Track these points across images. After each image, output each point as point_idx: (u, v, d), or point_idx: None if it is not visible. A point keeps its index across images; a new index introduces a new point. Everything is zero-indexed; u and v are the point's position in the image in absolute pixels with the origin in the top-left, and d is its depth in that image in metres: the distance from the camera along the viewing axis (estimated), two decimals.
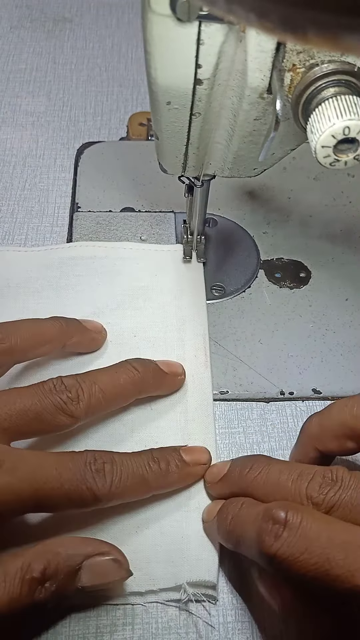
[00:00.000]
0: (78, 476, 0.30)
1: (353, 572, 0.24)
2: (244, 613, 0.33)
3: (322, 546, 0.25)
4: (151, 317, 0.42)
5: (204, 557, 0.33)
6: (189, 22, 0.25)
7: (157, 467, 0.32)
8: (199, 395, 0.39)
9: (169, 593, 0.32)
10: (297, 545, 0.25)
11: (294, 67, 0.27)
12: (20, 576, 0.27)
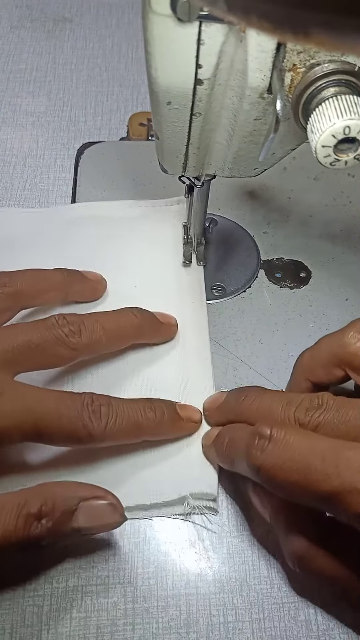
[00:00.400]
0: (75, 414, 0.32)
1: (329, 475, 0.26)
2: (244, 613, 0.33)
3: (303, 455, 0.27)
4: (151, 270, 0.45)
5: (205, 474, 0.35)
6: (189, 22, 0.25)
7: (153, 415, 0.34)
8: (196, 340, 0.41)
9: (173, 508, 0.35)
10: (280, 456, 0.27)
11: (295, 67, 0.27)
12: (17, 511, 0.29)
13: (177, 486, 0.35)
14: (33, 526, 0.29)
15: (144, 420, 0.34)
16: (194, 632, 0.32)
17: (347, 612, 0.33)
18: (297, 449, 0.27)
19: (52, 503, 0.30)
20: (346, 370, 0.33)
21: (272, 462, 0.28)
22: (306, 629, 0.32)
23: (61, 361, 0.35)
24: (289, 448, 0.28)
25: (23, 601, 0.33)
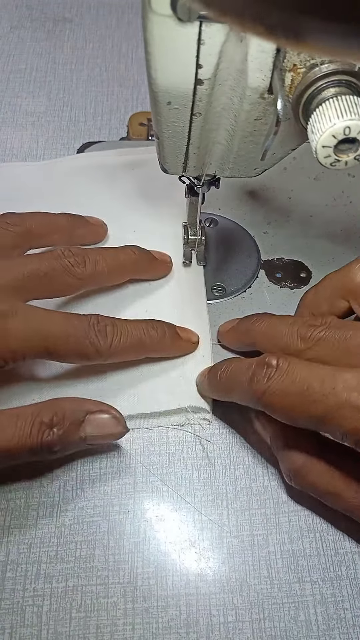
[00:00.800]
0: (82, 332, 0.34)
1: (326, 395, 0.29)
2: (244, 613, 0.33)
3: (304, 379, 0.30)
4: (150, 216, 0.48)
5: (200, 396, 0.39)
6: (189, 22, 0.25)
7: (155, 333, 0.37)
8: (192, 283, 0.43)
9: (171, 418, 0.38)
10: (284, 381, 0.30)
11: (295, 67, 0.27)
12: (31, 420, 0.32)
13: (175, 398, 0.38)
14: (45, 433, 0.32)
15: (147, 338, 0.37)
16: (194, 632, 0.32)
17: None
18: (299, 374, 0.30)
19: (62, 414, 0.33)
20: (350, 301, 0.34)
21: (276, 387, 0.30)
22: (306, 629, 0.32)
23: (68, 290, 0.38)
24: (292, 374, 0.30)
25: (23, 601, 0.33)
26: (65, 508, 0.36)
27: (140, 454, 0.38)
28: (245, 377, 0.32)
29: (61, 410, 0.33)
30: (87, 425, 0.34)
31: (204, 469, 0.37)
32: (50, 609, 0.33)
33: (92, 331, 0.35)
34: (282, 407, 0.31)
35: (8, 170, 0.52)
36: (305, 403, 0.29)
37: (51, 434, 0.32)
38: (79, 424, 0.34)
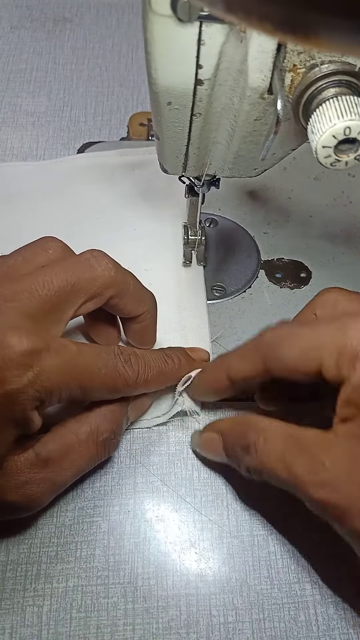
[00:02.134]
0: (111, 363, 0.33)
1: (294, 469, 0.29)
2: (244, 613, 0.33)
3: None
4: (150, 216, 0.48)
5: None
6: (189, 23, 0.25)
7: (172, 362, 0.37)
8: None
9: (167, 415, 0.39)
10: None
11: (295, 68, 0.27)
12: (94, 440, 0.33)
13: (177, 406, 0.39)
14: (110, 445, 0.34)
15: (167, 368, 0.36)
16: (194, 633, 0.32)
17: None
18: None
19: (117, 422, 0.35)
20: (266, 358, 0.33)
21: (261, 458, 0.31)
22: (306, 630, 0.32)
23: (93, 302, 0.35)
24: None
25: (23, 601, 0.33)
26: (65, 508, 0.36)
27: (140, 454, 0.38)
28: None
29: (115, 418, 0.34)
30: (131, 411, 0.36)
31: (204, 469, 0.37)
32: (51, 609, 0.33)
33: (120, 361, 0.34)
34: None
35: (8, 170, 0.52)
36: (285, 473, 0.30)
37: (114, 442, 0.35)
38: (127, 417, 0.36)
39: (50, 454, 0.32)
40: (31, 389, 0.29)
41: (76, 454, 0.33)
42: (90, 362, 0.32)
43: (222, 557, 0.34)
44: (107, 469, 0.37)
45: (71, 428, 0.33)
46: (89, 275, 0.34)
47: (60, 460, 0.32)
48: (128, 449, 0.38)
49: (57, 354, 0.30)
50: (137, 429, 0.39)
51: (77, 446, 0.32)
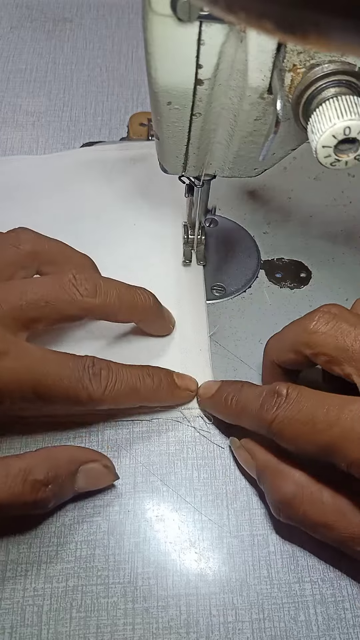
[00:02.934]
0: (76, 375, 0.33)
1: (331, 424, 0.28)
2: (244, 613, 0.33)
3: (311, 407, 0.30)
4: (150, 216, 0.48)
5: None
6: (189, 22, 0.25)
7: (150, 381, 0.36)
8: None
9: (169, 414, 0.38)
10: (292, 411, 0.30)
11: (295, 67, 0.27)
12: (23, 477, 0.31)
13: None
14: (41, 491, 0.31)
15: (142, 386, 0.35)
16: (194, 632, 0.32)
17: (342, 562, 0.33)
18: (306, 404, 0.30)
19: (55, 470, 0.32)
20: (306, 353, 0.33)
21: (284, 416, 0.30)
22: (306, 629, 0.32)
23: (71, 320, 0.36)
24: (300, 403, 0.30)
25: (23, 601, 0.33)
26: (65, 508, 0.36)
27: (140, 454, 0.38)
28: (254, 405, 0.32)
29: (55, 465, 0.32)
30: (80, 477, 0.34)
31: (204, 469, 0.37)
32: (51, 609, 0.33)
33: (87, 374, 0.33)
34: (289, 436, 0.30)
35: (9, 164, 0.52)
36: (311, 432, 0.29)
37: (46, 491, 0.31)
38: (73, 476, 0.33)
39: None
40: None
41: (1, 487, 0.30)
42: (51, 370, 0.32)
43: (222, 557, 0.34)
44: None
45: (8, 460, 0.32)
46: (68, 298, 0.34)
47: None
48: (128, 449, 0.38)
49: (15, 358, 0.31)
50: (141, 420, 0.39)
51: (2, 475, 0.30)
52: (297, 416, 0.30)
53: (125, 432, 0.38)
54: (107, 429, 0.38)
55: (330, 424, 0.28)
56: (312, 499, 0.31)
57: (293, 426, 0.30)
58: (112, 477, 0.35)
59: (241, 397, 0.34)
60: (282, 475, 0.32)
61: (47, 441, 0.38)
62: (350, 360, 0.31)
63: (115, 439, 0.38)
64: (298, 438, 0.30)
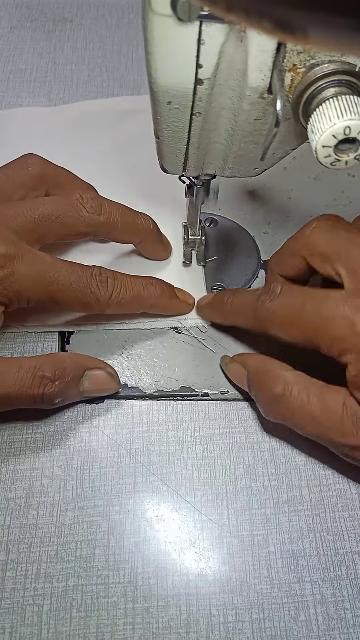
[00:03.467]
0: (85, 281, 0.36)
1: (319, 308, 0.32)
2: (244, 613, 0.33)
3: (302, 297, 0.33)
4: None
5: None
6: (189, 22, 0.25)
7: (153, 290, 0.40)
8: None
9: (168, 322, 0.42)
10: (285, 301, 0.34)
11: (295, 67, 0.27)
12: (33, 372, 0.34)
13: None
14: (47, 386, 0.34)
15: (145, 293, 0.39)
16: (194, 632, 0.32)
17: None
18: (298, 295, 0.33)
19: (63, 369, 0.35)
20: (306, 258, 0.35)
21: (278, 305, 0.34)
22: (306, 629, 0.32)
23: (78, 237, 0.39)
24: (292, 295, 0.34)
25: (23, 600, 0.33)
26: (65, 507, 0.36)
27: (140, 454, 0.38)
28: (250, 301, 0.36)
29: (62, 365, 0.35)
30: (85, 380, 0.37)
31: (204, 469, 0.37)
32: (51, 609, 0.33)
33: (95, 281, 0.36)
34: (281, 322, 0.34)
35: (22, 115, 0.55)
36: (301, 316, 0.32)
37: (52, 387, 0.35)
38: (78, 379, 0.37)
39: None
40: (0, 287, 0.33)
41: (11, 376, 0.34)
42: (62, 275, 0.35)
43: (222, 557, 0.35)
44: (107, 469, 0.37)
45: (21, 359, 0.35)
46: (75, 215, 0.37)
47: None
48: (128, 448, 0.38)
49: (29, 263, 0.34)
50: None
51: (15, 370, 0.34)
52: (288, 303, 0.33)
53: (125, 432, 0.38)
54: (107, 429, 0.39)
55: (318, 308, 0.32)
56: (299, 395, 0.33)
57: (284, 313, 0.33)
58: (115, 384, 0.38)
59: (237, 298, 0.38)
60: (270, 376, 0.35)
61: (49, 431, 0.38)
62: (342, 259, 0.33)
63: (116, 438, 0.38)
64: (289, 324, 0.33)
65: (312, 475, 0.37)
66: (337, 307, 0.31)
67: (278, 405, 0.34)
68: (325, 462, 0.37)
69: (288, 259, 0.37)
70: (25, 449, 0.38)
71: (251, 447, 0.38)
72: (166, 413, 0.39)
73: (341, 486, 0.37)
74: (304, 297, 0.33)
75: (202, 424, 0.39)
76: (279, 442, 0.38)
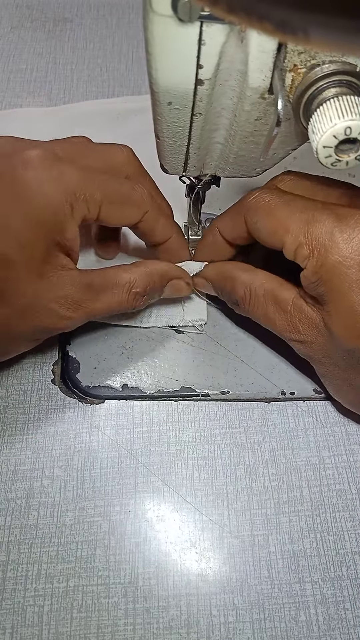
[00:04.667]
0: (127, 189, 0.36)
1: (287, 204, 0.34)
2: (244, 613, 0.33)
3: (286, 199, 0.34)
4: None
5: (197, 307, 0.43)
6: (190, 23, 0.25)
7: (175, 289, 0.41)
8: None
9: (169, 319, 0.43)
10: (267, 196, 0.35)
11: (295, 68, 0.27)
12: (128, 288, 0.37)
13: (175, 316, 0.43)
14: (138, 300, 0.38)
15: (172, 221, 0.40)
16: (195, 633, 0.32)
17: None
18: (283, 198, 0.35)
19: (153, 284, 0.38)
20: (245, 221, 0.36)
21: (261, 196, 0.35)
22: (307, 630, 0.32)
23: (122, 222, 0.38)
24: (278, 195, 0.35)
25: (24, 601, 0.33)
26: (65, 508, 0.36)
27: (141, 454, 0.38)
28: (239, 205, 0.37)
29: (152, 279, 0.38)
30: (167, 288, 0.40)
31: (204, 469, 0.37)
32: (51, 609, 0.33)
33: (136, 193, 0.37)
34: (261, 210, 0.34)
35: (18, 115, 0.55)
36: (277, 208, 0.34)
37: (143, 299, 0.38)
38: (163, 287, 0.39)
39: (92, 282, 0.36)
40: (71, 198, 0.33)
41: (110, 293, 0.36)
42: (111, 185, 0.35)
43: (222, 557, 0.35)
44: (108, 469, 0.37)
45: (115, 271, 0.37)
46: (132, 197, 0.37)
47: (97, 291, 0.36)
48: (128, 448, 0.38)
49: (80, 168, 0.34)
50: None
51: (113, 287, 0.36)
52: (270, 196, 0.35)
53: (126, 433, 0.38)
54: (108, 429, 0.39)
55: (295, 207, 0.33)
56: (256, 295, 0.36)
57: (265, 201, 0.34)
58: (189, 290, 0.41)
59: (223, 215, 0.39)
60: (234, 280, 0.38)
61: (49, 431, 0.38)
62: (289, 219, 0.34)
63: (116, 439, 0.38)
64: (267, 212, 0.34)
65: (313, 475, 0.37)
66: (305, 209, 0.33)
67: (242, 307, 0.38)
68: (326, 462, 0.37)
69: (231, 224, 0.38)
70: (26, 449, 0.38)
71: (252, 447, 0.38)
72: (167, 413, 0.39)
73: (341, 486, 0.37)
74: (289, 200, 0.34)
75: (203, 424, 0.39)
76: (279, 442, 0.38)
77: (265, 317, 0.37)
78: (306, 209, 0.33)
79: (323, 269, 0.32)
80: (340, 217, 0.32)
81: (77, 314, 0.35)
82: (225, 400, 0.40)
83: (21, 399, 0.39)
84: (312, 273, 0.32)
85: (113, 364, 0.41)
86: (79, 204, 0.34)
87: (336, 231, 0.32)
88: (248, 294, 0.37)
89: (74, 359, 0.41)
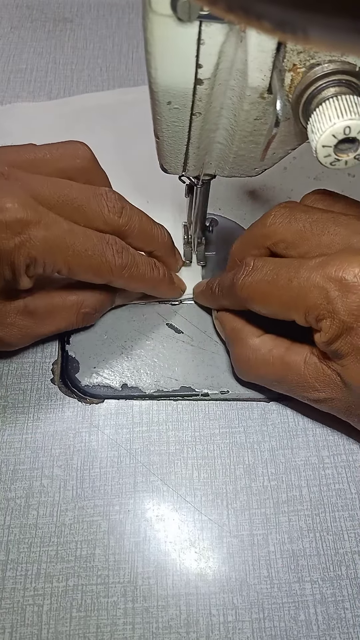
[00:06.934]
0: (100, 248, 0.36)
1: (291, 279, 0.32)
2: (244, 612, 0.33)
3: (274, 268, 0.34)
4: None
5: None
6: (189, 22, 0.25)
7: (157, 273, 0.40)
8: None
9: None
10: (258, 275, 0.34)
11: (295, 67, 0.27)
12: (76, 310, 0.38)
13: None
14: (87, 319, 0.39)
15: (151, 275, 0.40)
16: (194, 632, 0.32)
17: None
18: (270, 267, 0.34)
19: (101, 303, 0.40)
20: (268, 246, 0.36)
21: (252, 279, 0.34)
22: (306, 629, 0.32)
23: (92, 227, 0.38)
24: (264, 268, 0.34)
25: (23, 600, 0.33)
26: (65, 507, 0.36)
27: (140, 454, 0.38)
28: (229, 280, 0.37)
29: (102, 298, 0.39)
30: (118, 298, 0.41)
31: (204, 469, 0.37)
32: (51, 609, 0.33)
33: (110, 250, 0.36)
34: (258, 297, 0.34)
35: (16, 110, 0.55)
36: (275, 289, 0.33)
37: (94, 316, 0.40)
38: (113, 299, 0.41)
39: (37, 308, 0.36)
40: (17, 254, 0.32)
41: (58, 316, 0.37)
42: (78, 241, 0.35)
43: (221, 557, 0.35)
44: (107, 469, 0.37)
45: (61, 293, 0.37)
46: (96, 209, 0.37)
47: (44, 316, 0.37)
48: (128, 448, 0.38)
49: (47, 228, 0.33)
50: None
51: (61, 309, 0.37)
52: (263, 278, 0.34)
53: (125, 432, 0.38)
54: (107, 429, 0.39)
55: (290, 279, 0.32)
56: (264, 360, 0.36)
57: (259, 288, 0.34)
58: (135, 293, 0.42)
59: (221, 280, 0.39)
60: (241, 343, 0.37)
61: (49, 431, 0.38)
62: (305, 240, 0.34)
63: (116, 438, 0.38)
64: (265, 298, 0.34)
65: (312, 475, 0.37)
66: (309, 277, 0.31)
67: (247, 370, 0.37)
68: (325, 462, 0.37)
69: (251, 249, 0.37)
70: (25, 449, 0.38)
71: (251, 447, 0.38)
72: (166, 413, 0.39)
73: (341, 486, 0.37)
74: (277, 269, 0.33)
75: (202, 424, 0.39)
76: (279, 442, 0.38)
77: (277, 380, 0.36)
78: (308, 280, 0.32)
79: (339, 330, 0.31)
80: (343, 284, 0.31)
81: (21, 341, 0.38)
82: (224, 399, 0.40)
83: (20, 398, 0.39)
84: (328, 336, 0.31)
85: (112, 363, 0.41)
86: (37, 267, 0.34)
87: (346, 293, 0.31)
88: (254, 358, 0.37)
89: (73, 359, 0.41)
